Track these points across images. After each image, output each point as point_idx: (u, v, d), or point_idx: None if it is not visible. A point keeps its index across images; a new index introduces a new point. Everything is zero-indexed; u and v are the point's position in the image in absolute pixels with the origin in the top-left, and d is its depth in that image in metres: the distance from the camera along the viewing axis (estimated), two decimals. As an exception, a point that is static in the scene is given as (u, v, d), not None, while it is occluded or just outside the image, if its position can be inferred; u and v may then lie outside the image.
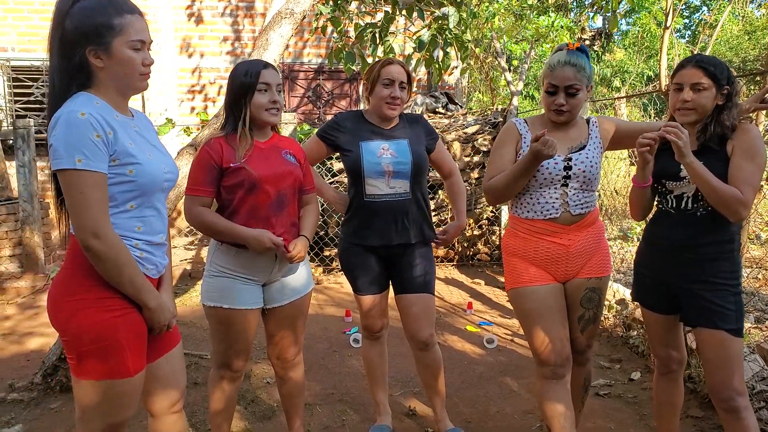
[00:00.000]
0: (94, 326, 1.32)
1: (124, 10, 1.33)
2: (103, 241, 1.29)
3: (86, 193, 1.27)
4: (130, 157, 1.34)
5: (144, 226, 1.41)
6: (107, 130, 1.30)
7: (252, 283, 1.89)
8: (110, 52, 1.32)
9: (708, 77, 1.69)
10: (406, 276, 2.21)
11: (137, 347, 1.39)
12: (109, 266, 1.31)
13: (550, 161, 1.83)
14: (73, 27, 1.30)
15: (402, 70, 2.14)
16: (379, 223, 2.15)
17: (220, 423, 2.00)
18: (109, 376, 1.34)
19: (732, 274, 1.73)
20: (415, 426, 2.50)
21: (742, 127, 1.71)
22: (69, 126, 1.26)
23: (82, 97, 1.32)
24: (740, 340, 1.71)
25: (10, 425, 2.45)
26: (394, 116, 2.17)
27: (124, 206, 1.36)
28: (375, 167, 2.11)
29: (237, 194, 1.82)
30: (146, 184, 1.38)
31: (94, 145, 1.27)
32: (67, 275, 1.37)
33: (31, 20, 6.26)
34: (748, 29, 12.30)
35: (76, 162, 1.25)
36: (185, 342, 3.52)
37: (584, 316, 1.93)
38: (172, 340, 1.56)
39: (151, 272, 1.45)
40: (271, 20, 3.14)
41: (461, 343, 3.50)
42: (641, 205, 1.89)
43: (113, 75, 1.34)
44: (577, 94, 1.80)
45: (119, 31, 1.31)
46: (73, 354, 1.34)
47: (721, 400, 1.71)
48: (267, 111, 1.83)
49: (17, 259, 4.88)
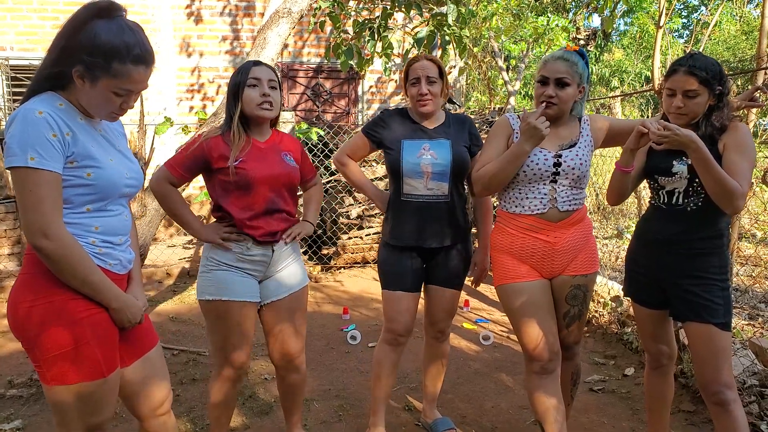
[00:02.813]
0: (61, 330, 1.28)
1: (130, 59, 1.27)
2: (52, 240, 1.24)
3: (36, 192, 1.23)
4: (90, 159, 1.30)
5: (102, 227, 1.36)
6: (65, 131, 1.26)
7: (250, 276, 1.91)
8: (94, 84, 1.28)
9: (700, 83, 1.70)
10: (438, 270, 2.19)
11: (108, 347, 1.35)
12: (61, 266, 1.26)
13: (540, 157, 1.86)
14: (78, 40, 1.26)
15: (428, 65, 2.08)
16: (415, 223, 2.10)
17: (219, 417, 2.01)
18: (82, 378, 1.30)
19: (720, 269, 1.76)
20: (410, 419, 2.53)
21: (732, 125, 1.74)
22: (25, 123, 1.23)
23: (46, 96, 1.29)
24: (728, 334, 1.74)
25: (9, 421, 2.47)
26: (429, 111, 2.11)
27: (80, 208, 1.33)
28: (414, 167, 2.06)
29: (232, 193, 1.85)
30: (105, 188, 1.33)
31: (49, 144, 1.23)
32: (25, 280, 1.31)
33: (29, 19, 6.28)
34: (745, 29, 12.34)
35: (29, 160, 1.22)
36: (184, 339, 3.54)
37: (569, 313, 1.95)
38: (148, 342, 1.51)
39: (115, 268, 1.40)
40: (269, 19, 3.17)
41: (458, 340, 3.52)
42: (619, 191, 1.89)
43: (85, 99, 1.31)
44: (567, 87, 1.83)
45: (113, 74, 1.27)
46: (40, 361, 1.29)
47: (710, 393, 1.74)
48: (258, 106, 1.85)
49: (16, 257, 4.91)
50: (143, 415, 1.52)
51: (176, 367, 3.04)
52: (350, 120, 7.04)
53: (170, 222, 6.29)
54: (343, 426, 2.47)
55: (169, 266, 5.08)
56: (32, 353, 1.31)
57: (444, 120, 2.17)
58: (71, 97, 1.32)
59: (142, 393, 1.49)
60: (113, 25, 1.27)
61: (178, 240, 6.02)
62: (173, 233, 6.25)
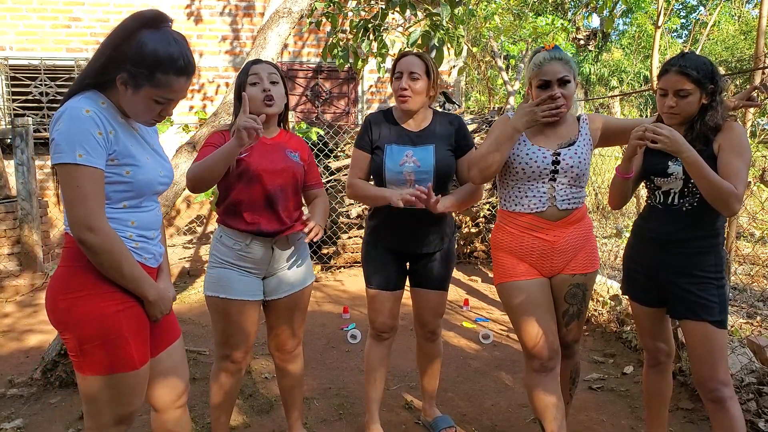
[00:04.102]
0: (97, 322, 1.33)
1: (174, 71, 1.31)
2: (97, 233, 1.28)
3: (83, 187, 1.27)
4: (130, 158, 1.35)
5: (137, 222, 1.42)
6: (109, 129, 1.31)
7: (251, 275, 1.93)
8: (137, 92, 1.32)
9: (691, 83, 1.71)
10: (423, 273, 2.19)
11: (141, 339, 1.40)
12: (105, 258, 1.31)
13: (538, 155, 1.87)
14: (125, 49, 1.29)
15: (413, 60, 2.03)
16: (397, 229, 2.09)
17: (219, 416, 2.03)
18: (115, 369, 1.35)
19: (716, 268, 1.77)
20: (410, 417, 2.54)
21: (727, 125, 1.74)
22: (72, 121, 1.27)
23: (90, 94, 1.33)
24: (724, 331, 1.75)
25: (10, 420, 2.48)
26: (408, 108, 2.05)
27: (117, 204, 1.37)
28: (396, 175, 2.03)
29: (236, 186, 1.87)
30: (142, 186, 1.38)
31: (95, 142, 1.28)
32: (64, 273, 1.36)
33: (29, 19, 6.28)
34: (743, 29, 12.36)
35: (77, 156, 1.26)
36: (184, 338, 3.53)
37: (568, 312, 1.96)
38: (173, 333, 1.57)
39: (149, 261, 1.46)
40: (269, 19, 3.17)
41: (457, 338, 3.53)
42: (620, 196, 1.93)
43: (126, 104, 1.35)
44: (569, 84, 1.84)
45: (156, 84, 1.31)
46: (76, 351, 1.34)
47: (707, 390, 1.75)
48: (263, 102, 1.87)
49: (16, 257, 4.91)
50: (162, 405, 1.55)
51: (177, 366, 3.05)
52: (350, 120, 7.04)
53: (169, 222, 6.29)
54: (343, 424, 2.48)
55: (169, 266, 5.09)
56: (69, 343, 1.35)
57: (431, 121, 2.11)
58: (112, 98, 1.36)
59: (163, 384, 1.53)
60: (160, 37, 1.31)
61: (177, 240, 6.03)
62: (173, 233, 6.25)
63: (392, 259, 2.16)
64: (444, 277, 2.21)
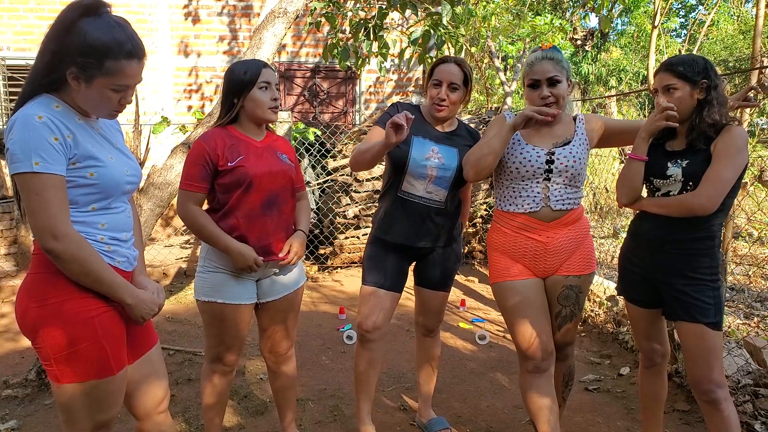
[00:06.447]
0: (71, 329, 1.29)
1: (123, 54, 1.27)
2: (62, 240, 1.25)
3: (42, 196, 1.23)
4: (92, 159, 1.31)
5: (108, 223, 1.38)
6: (66, 133, 1.27)
7: (245, 278, 1.91)
8: (90, 84, 1.28)
9: (676, 77, 1.73)
10: (426, 272, 2.21)
11: (117, 345, 1.37)
12: (73, 266, 1.27)
13: (532, 154, 1.87)
14: (68, 42, 1.24)
15: (454, 70, 2.02)
16: (405, 222, 2.08)
17: (213, 417, 2.03)
18: (92, 376, 1.32)
19: (711, 270, 1.76)
20: (405, 419, 2.53)
21: (727, 128, 1.73)
22: (26, 129, 1.23)
23: (43, 99, 1.29)
24: (719, 333, 1.75)
25: (5, 421, 2.47)
26: (442, 117, 2.07)
27: (85, 208, 1.34)
28: (419, 168, 2.02)
29: (233, 193, 1.83)
30: (108, 186, 1.35)
31: (51, 148, 1.24)
32: (35, 280, 1.32)
33: (26, 19, 6.27)
34: (742, 28, 12.36)
35: (34, 165, 1.22)
36: (180, 339, 3.54)
37: (561, 314, 1.95)
38: (150, 340, 1.53)
39: (123, 265, 1.42)
40: (265, 19, 3.16)
41: (453, 339, 3.53)
42: (631, 187, 1.82)
43: (82, 99, 1.31)
44: (558, 84, 1.84)
45: (108, 72, 1.27)
46: (50, 360, 1.30)
47: (702, 391, 1.75)
48: (270, 109, 1.86)
49: (12, 257, 4.90)
50: (141, 413, 1.53)
51: (172, 367, 3.04)
52: (347, 120, 7.04)
53: (167, 222, 6.28)
54: (338, 426, 2.47)
55: (166, 266, 5.08)
56: (42, 352, 1.32)
57: (456, 127, 2.14)
58: (67, 98, 1.32)
59: (142, 391, 1.50)
60: (101, 23, 1.26)
61: (174, 240, 6.02)
62: (170, 233, 6.24)
63: (394, 259, 2.14)
64: (449, 278, 2.24)
